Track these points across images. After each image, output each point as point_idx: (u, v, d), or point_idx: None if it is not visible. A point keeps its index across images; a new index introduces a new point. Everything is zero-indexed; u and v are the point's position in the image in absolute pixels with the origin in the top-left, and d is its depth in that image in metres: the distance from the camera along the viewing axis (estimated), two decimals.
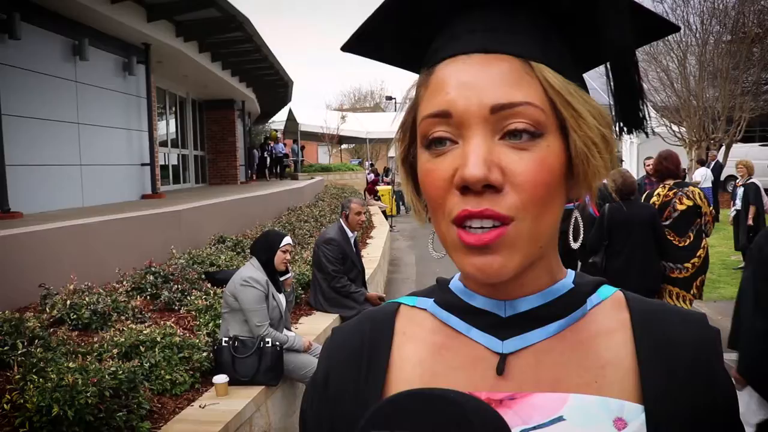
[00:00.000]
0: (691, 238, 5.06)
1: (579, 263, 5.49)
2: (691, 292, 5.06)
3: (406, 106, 0.72)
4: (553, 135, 0.63)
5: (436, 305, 0.76)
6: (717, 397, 0.67)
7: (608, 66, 0.65)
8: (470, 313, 0.72)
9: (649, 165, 8.07)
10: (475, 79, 0.62)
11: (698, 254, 5.04)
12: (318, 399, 0.77)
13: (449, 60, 0.65)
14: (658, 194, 5.15)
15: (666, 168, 5.26)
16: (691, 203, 5.02)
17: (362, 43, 0.74)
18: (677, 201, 5.04)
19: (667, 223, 5.06)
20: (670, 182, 5.19)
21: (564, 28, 0.67)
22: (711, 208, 5.30)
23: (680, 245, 5.05)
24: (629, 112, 0.66)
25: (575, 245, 0.73)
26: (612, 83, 0.65)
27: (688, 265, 5.03)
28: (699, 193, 5.11)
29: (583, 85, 0.67)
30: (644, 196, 5.32)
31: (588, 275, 0.76)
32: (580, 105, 0.64)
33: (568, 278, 0.73)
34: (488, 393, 0.67)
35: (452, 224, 0.63)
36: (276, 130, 28.21)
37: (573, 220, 0.72)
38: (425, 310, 0.77)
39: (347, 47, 0.75)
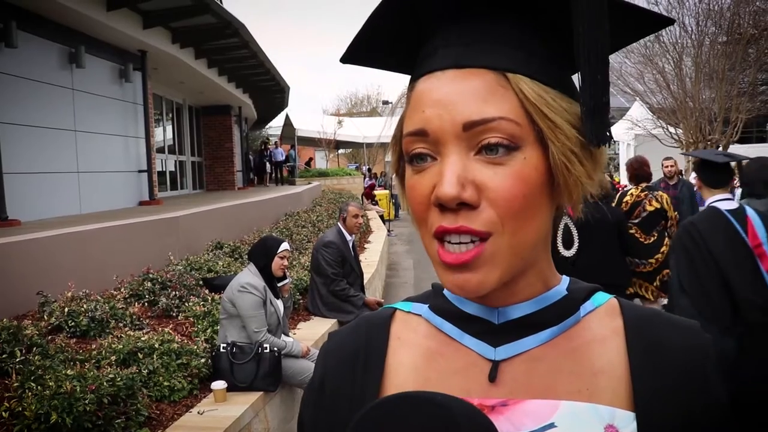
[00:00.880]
0: (655, 237, 5.52)
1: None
2: (654, 284, 5.52)
3: (399, 116, 0.72)
4: (531, 146, 0.63)
5: (431, 311, 0.76)
6: (710, 404, 0.67)
7: (579, 67, 0.62)
8: (463, 320, 0.72)
9: (667, 167, 8.03)
10: (447, 97, 0.63)
11: (661, 251, 5.50)
12: (314, 403, 0.78)
13: (426, 76, 0.66)
14: (632, 194, 5.62)
15: (645, 172, 5.77)
16: (658, 206, 5.51)
17: (358, 56, 0.75)
18: (647, 202, 5.51)
19: (636, 221, 5.50)
20: (644, 184, 5.69)
21: (547, 31, 0.66)
22: (675, 213, 5.84)
23: (645, 242, 5.52)
24: (595, 122, 0.63)
25: (567, 253, 0.72)
26: (581, 89, 0.63)
27: (652, 260, 5.47)
28: (666, 199, 5.63)
29: (568, 90, 0.66)
30: (618, 195, 5.69)
31: (583, 282, 0.76)
32: (557, 114, 0.63)
33: (561, 285, 0.73)
34: (480, 399, 0.68)
35: (433, 239, 0.64)
36: (269, 138, 28.23)
37: (563, 226, 0.71)
38: (420, 315, 0.77)
39: (345, 60, 0.76)
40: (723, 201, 3.31)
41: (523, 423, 0.66)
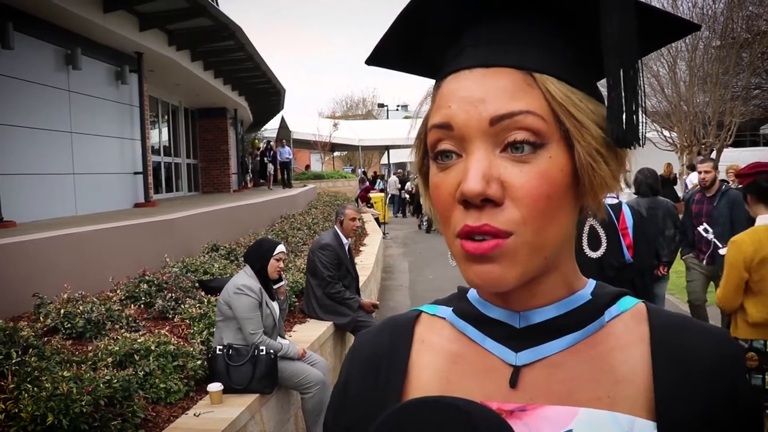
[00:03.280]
0: None
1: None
2: None
3: (423, 112, 0.72)
4: (556, 145, 0.63)
5: (455, 314, 0.77)
6: (737, 415, 0.65)
7: (607, 67, 0.63)
8: (486, 323, 0.72)
9: (701, 172, 6.11)
10: (475, 94, 0.63)
11: None
12: (338, 404, 0.78)
13: (453, 75, 0.67)
14: None
15: None
16: None
17: (384, 58, 0.76)
18: None
19: None
20: None
21: (573, 33, 0.67)
22: None
23: None
24: (626, 123, 0.63)
25: (594, 254, 0.72)
26: (609, 90, 0.64)
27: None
28: None
29: (593, 93, 0.67)
30: None
31: (610, 286, 0.75)
32: (583, 115, 0.64)
33: (586, 289, 0.72)
34: (500, 403, 0.68)
35: (456, 238, 0.64)
36: (258, 139, 27.55)
37: (587, 228, 0.71)
38: (444, 318, 0.78)
39: (371, 62, 0.77)
40: (608, 198, 4.51)
41: (541, 429, 0.66)
